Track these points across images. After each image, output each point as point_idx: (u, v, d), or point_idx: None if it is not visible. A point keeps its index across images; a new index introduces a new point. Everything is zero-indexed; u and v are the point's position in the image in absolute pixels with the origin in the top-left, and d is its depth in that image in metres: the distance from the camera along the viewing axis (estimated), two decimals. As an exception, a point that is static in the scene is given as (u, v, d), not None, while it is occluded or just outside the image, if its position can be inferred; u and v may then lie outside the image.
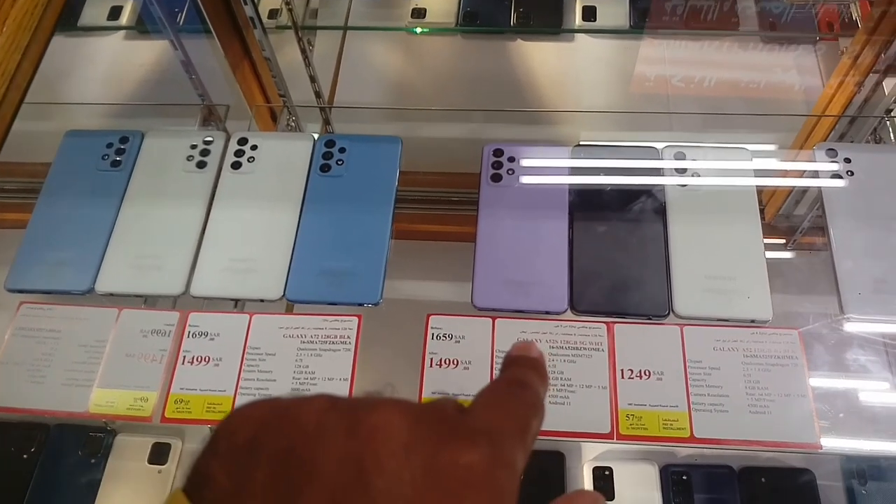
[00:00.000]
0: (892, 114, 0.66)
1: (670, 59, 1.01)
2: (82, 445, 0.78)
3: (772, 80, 0.95)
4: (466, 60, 1.05)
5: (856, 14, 0.93)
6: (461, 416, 0.23)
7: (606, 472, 0.74)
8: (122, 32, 1.06)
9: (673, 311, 0.56)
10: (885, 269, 0.56)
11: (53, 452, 0.77)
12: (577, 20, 1.04)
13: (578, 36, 1.05)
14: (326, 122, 0.83)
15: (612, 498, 0.72)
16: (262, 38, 0.62)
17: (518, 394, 0.25)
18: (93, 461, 0.77)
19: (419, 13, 1.05)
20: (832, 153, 0.61)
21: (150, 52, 0.99)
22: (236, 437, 0.22)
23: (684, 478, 0.73)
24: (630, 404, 0.53)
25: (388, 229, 0.60)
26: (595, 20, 1.04)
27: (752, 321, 0.55)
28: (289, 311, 0.61)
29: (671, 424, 0.52)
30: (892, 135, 0.66)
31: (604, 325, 0.56)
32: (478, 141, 0.65)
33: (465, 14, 1.06)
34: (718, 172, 0.61)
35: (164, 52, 0.99)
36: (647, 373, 0.54)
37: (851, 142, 0.72)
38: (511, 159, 0.63)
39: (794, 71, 0.96)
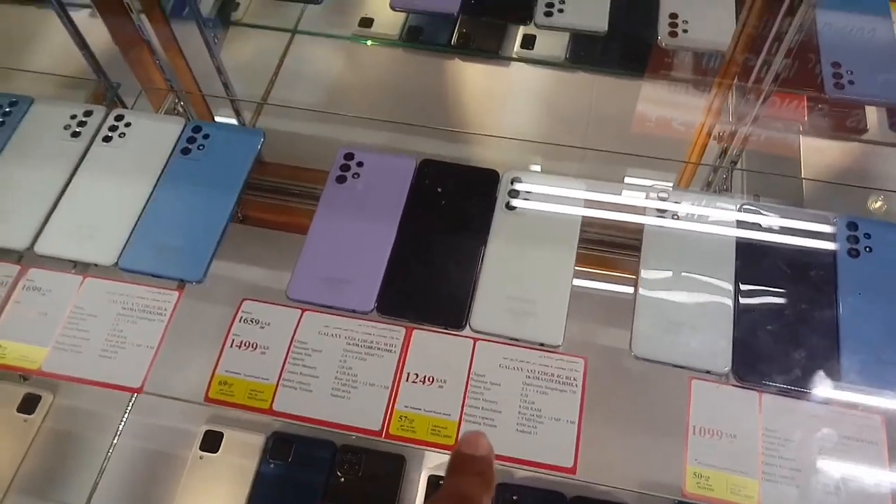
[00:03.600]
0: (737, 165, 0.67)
1: (597, 94, 1.03)
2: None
3: (692, 121, 0.96)
4: (403, 73, 1.08)
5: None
6: None
7: (441, 482, 0.75)
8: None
9: (469, 324, 0.58)
10: (681, 315, 0.57)
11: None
12: (516, 47, 1.07)
13: (515, 62, 1.08)
14: (237, 112, 0.86)
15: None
16: (139, 23, 0.66)
17: None
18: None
19: (366, 22, 1.09)
20: (664, 195, 0.63)
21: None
22: None
23: (514, 497, 0.74)
24: (406, 406, 0.55)
25: (227, 215, 0.63)
26: (532, 48, 1.07)
27: (542, 344, 0.57)
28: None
29: (439, 431, 0.54)
30: (740, 183, 0.67)
31: (404, 329, 0.58)
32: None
33: (410, 29, 1.09)
34: (548, 200, 0.63)
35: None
36: (431, 379, 0.56)
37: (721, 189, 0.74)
38: (360, 164, 0.66)
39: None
